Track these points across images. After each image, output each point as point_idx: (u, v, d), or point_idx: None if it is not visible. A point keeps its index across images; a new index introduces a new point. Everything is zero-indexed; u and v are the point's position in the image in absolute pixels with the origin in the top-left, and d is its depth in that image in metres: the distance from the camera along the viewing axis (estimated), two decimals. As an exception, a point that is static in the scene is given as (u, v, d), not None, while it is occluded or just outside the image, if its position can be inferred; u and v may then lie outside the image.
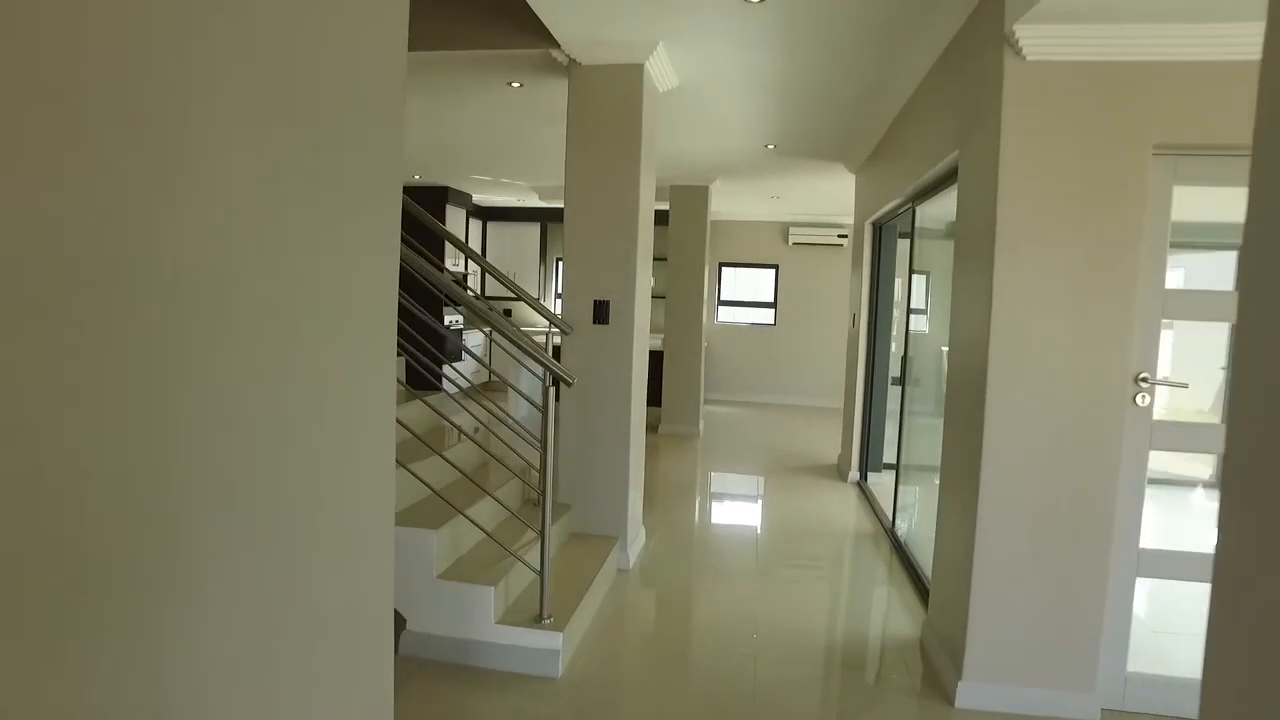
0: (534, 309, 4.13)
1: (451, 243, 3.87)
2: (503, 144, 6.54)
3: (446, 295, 2.94)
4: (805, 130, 5.59)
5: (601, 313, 4.00)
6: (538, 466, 4.00)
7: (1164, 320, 2.73)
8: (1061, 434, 2.72)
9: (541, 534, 3.00)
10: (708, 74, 4.29)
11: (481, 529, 3.12)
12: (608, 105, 3.97)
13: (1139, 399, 2.72)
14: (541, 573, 3.02)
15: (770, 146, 6.17)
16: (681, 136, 5.91)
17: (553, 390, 2.95)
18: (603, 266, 4.02)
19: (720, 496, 6.18)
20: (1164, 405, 2.81)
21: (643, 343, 4.30)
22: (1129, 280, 2.66)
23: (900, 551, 4.53)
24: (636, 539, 4.40)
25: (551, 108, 4.91)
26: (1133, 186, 2.65)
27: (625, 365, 4.03)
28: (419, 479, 3.09)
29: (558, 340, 4.22)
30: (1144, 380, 2.72)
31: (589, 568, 3.69)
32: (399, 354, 3.50)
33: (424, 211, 3.00)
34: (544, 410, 2.93)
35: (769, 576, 4.18)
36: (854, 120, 5.18)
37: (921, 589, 3.91)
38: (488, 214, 11.13)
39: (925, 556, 4.06)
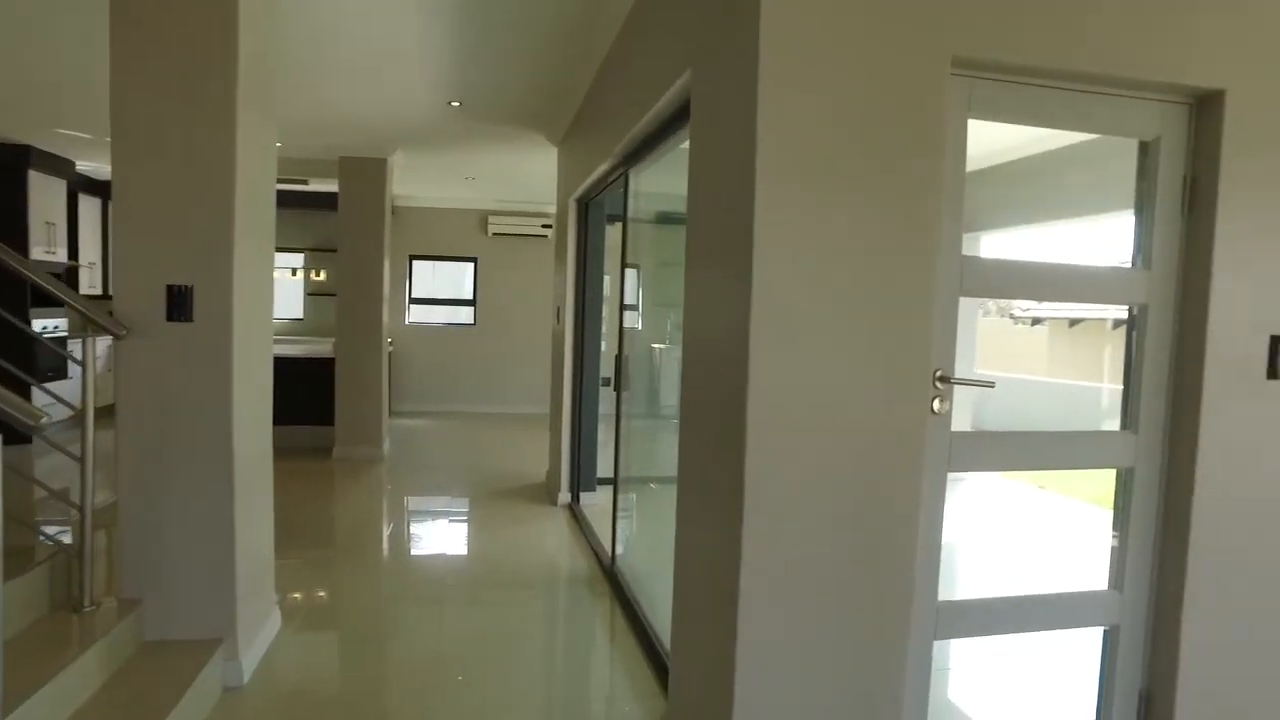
0: (68, 302, 2.60)
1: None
2: (68, 74, 4.66)
3: None
4: (497, 81, 4.54)
5: (180, 305, 2.60)
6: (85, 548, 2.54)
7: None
8: (852, 455, 1.93)
9: None
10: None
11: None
12: (184, -9, 2.59)
13: (936, 404, 2.02)
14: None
15: (455, 104, 5.04)
16: (336, 81, 4.56)
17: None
18: (180, 236, 2.62)
19: (400, 539, 4.92)
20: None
21: (257, 347, 2.95)
22: (928, 243, 1.94)
23: (624, 601, 3.64)
24: (261, 631, 3.03)
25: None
26: (931, 114, 1.92)
27: (221, 381, 2.66)
28: None
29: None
30: (942, 380, 2.03)
31: (158, 703, 2.31)
32: None
33: None
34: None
35: (457, 656, 3.07)
36: (556, 65, 4.23)
37: (655, 658, 3.03)
38: (107, 190, 8.64)
39: (658, 609, 3.20)
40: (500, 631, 3.39)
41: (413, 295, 9.66)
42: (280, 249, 8.78)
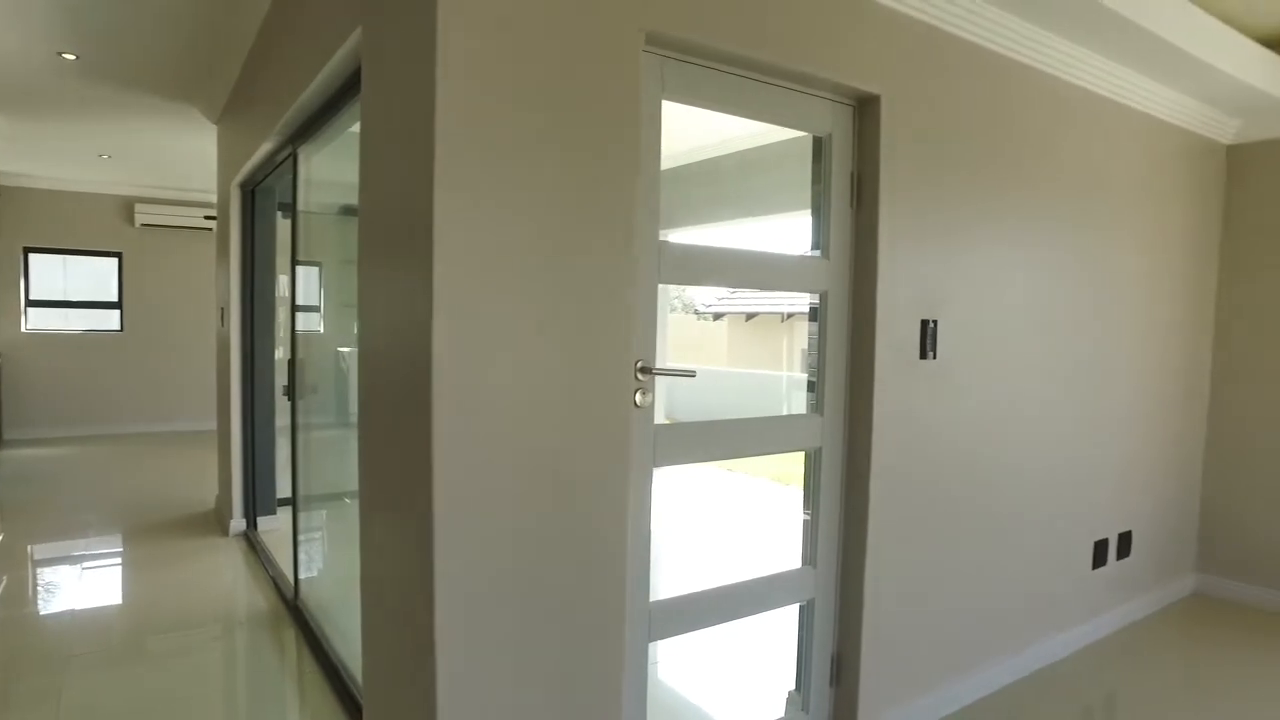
0: None
1: None
2: None
3: None
4: (125, 32, 3.75)
5: None
6: None
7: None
8: (554, 455, 1.77)
9: None
10: None
11: None
12: None
13: (639, 396, 1.93)
14: None
15: (69, 56, 4.10)
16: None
17: None
18: None
19: (18, 599, 3.90)
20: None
21: None
22: (625, 228, 1.83)
23: (312, 639, 3.18)
24: None
25: None
26: (626, 92, 1.82)
27: None
28: None
29: None
30: (643, 371, 1.94)
31: None
32: None
33: None
34: None
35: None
36: (205, 19, 3.59)
37: (349, 701, 2.65)
38: None
39: (351, 644, 2.82)
40: (163, 694, 2.77)
41: (31, 296, 7.90)
42: None
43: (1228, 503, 3.90)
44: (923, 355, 2.50)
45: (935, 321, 2.51)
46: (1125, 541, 3.49)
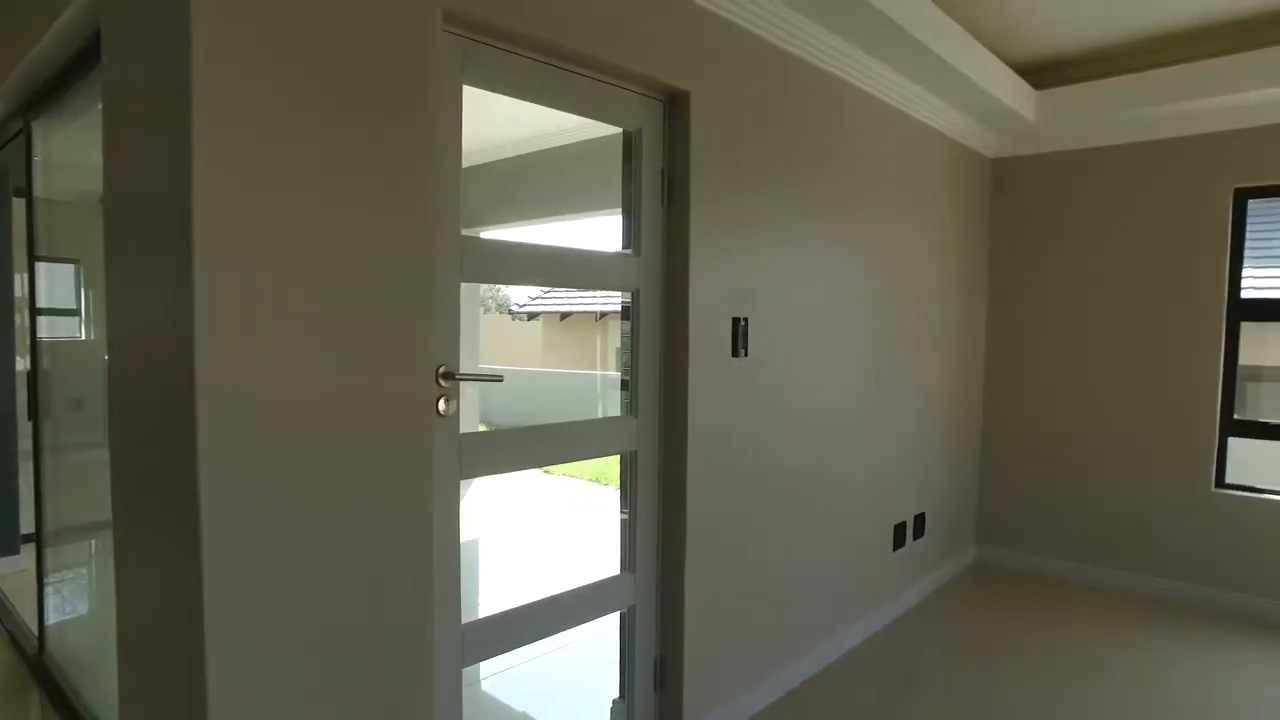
0: None
1: None
2: None
3: None
4: None
5: None
6: None
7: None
8: (346, 476, 1.57)
9: None
10: None
11: None
12: None
13: (442, 404, 1.78)
14: None
15: None
16: None
17: None
18: None
19: None
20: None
21: None
22: (421, 222, 1.66)
23: (60, 700, 2.72)
24: None
25: None
26: (421, 74, 1.65)
27: None
28: None
29: None
30: (446, 377, 1.79)
31: None
32: None
33: None
34: None
35: None
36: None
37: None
38: None
39: (113, 701, 2.42)
40: None
41: None
42: None
43: (1001, 482, 4.32)
44: (735, 353, 2.51)
45: (746, 319, 2.53)
46: (920, 522, 3.74)
